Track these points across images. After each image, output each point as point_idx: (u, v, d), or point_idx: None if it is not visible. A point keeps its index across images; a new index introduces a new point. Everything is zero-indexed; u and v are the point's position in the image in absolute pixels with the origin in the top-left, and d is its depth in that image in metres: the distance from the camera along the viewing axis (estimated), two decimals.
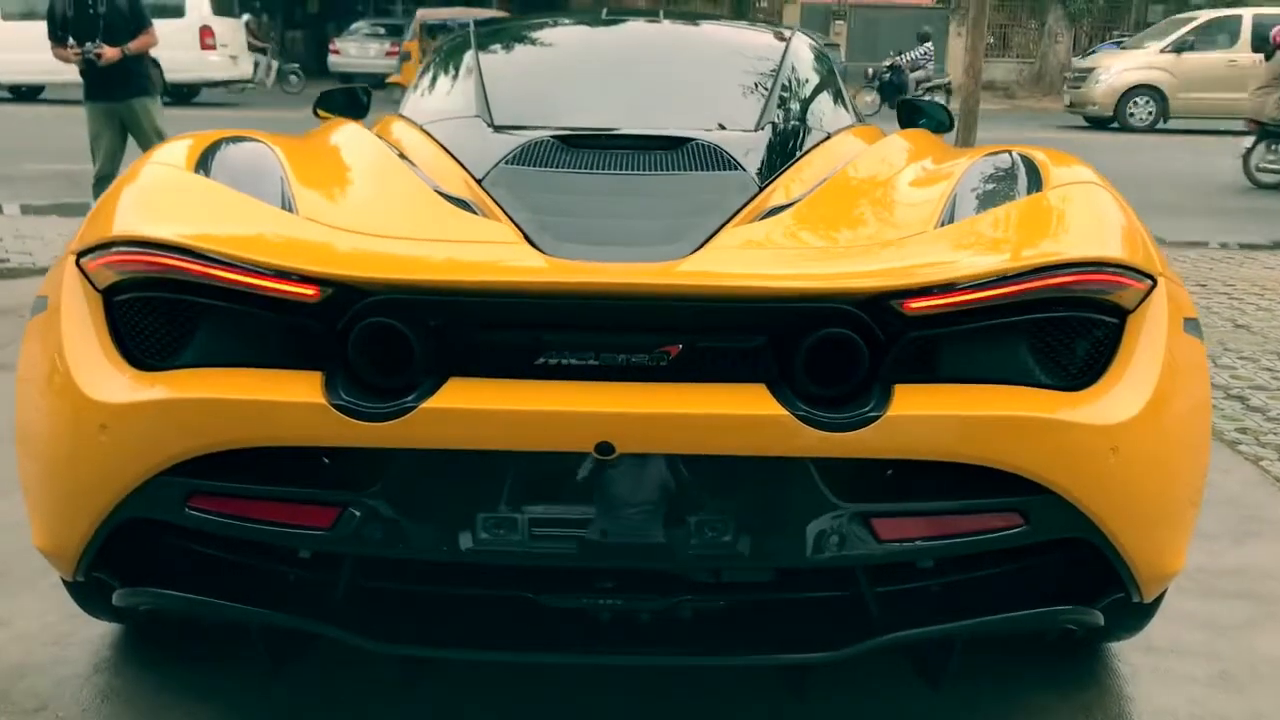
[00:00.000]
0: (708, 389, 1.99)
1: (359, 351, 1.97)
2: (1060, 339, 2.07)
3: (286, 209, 2.21)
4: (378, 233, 2.14)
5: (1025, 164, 2.44)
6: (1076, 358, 2.08)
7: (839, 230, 2.35)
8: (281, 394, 1.96)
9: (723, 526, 2.00)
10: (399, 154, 2.66)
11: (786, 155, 2.72)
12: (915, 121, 3.93)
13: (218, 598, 2.17)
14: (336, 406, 1.93)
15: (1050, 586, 2.23)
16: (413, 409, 1.92)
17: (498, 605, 2.18)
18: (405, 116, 3.14)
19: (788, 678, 2.51)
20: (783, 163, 2.64)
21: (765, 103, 3.06)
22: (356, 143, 2.80)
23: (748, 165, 2.52)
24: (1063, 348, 2.08)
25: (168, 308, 2.05)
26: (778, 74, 3.25)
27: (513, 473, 2.00)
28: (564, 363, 2.03)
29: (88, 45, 6.90)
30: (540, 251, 2.06)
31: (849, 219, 2.43)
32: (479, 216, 2.24)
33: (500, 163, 2.45)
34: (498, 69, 3.28)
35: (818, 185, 2.50)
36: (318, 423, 1.94)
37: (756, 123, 2.91)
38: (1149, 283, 2.11)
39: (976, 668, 2.57)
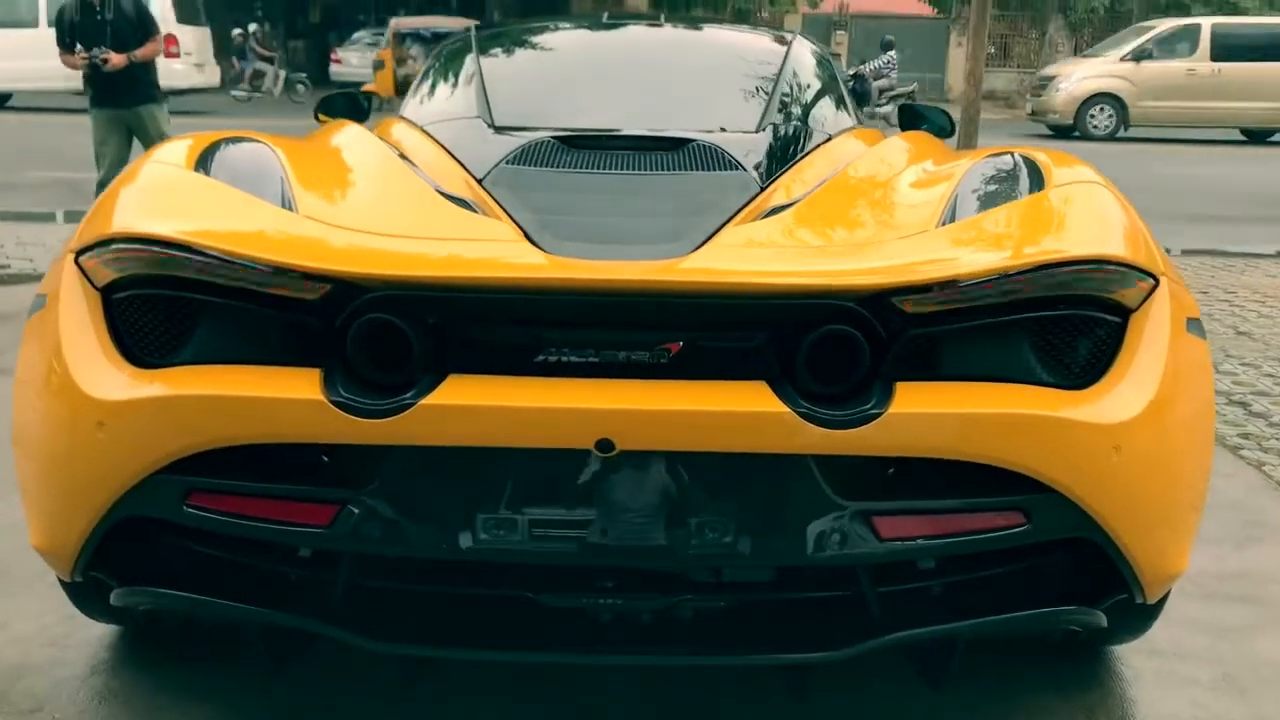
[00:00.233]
0: (709, 386, 1.98)
1: (358, 348, 1.96)
2: (1063, 337, 2.06)
3: (286, 207, 2.21)
4: (377, 230, 2.13)
5: (1027, 164, 2.44)
6: (1079, 356, 2.07)
7: (840, 229, 2.35)
8: (280, 390, 1.95)
9: (723, 525, 1.98)
10: (399, 154, 2.65)
11: (788, 156, 2.71)
12: (917, 126, 3.93)
13: (215, 597, 2.16)
14: (335, 403, 1.92)
15: (1053, 587, 2.21)
16: (411, 405, 1.91)
17: (497, 605, 2.17)
18: (406, 118, 3.14)
19: (789, 677, 2.50)
20: (784, 163, 2.63)
21: (766, 105, 3.06)
22: (357, 143, 2.80)
23: (749, 165, 2.51)
24: (1065, 346, 2.06)
25: (166, 305, 2.05)
26: (779, 76, 3.24)
27: (512, 470, 1.99)
28: (564, 360, 2.02)
29: (94, 51, 6.94)
30: (540, 249, 2.05)
31: (850, 218, 2.42)
32: (479, 215, 2.24)
33: (501, 162, 2.45)
34: (499, 71, 3.28)
35: (819, 185, 2.50)
36: (316, 419, 1.93)
37: (758, 124, 2.91)
38: (1151, 282, 2.10)
39: (978, 668, 2.56)
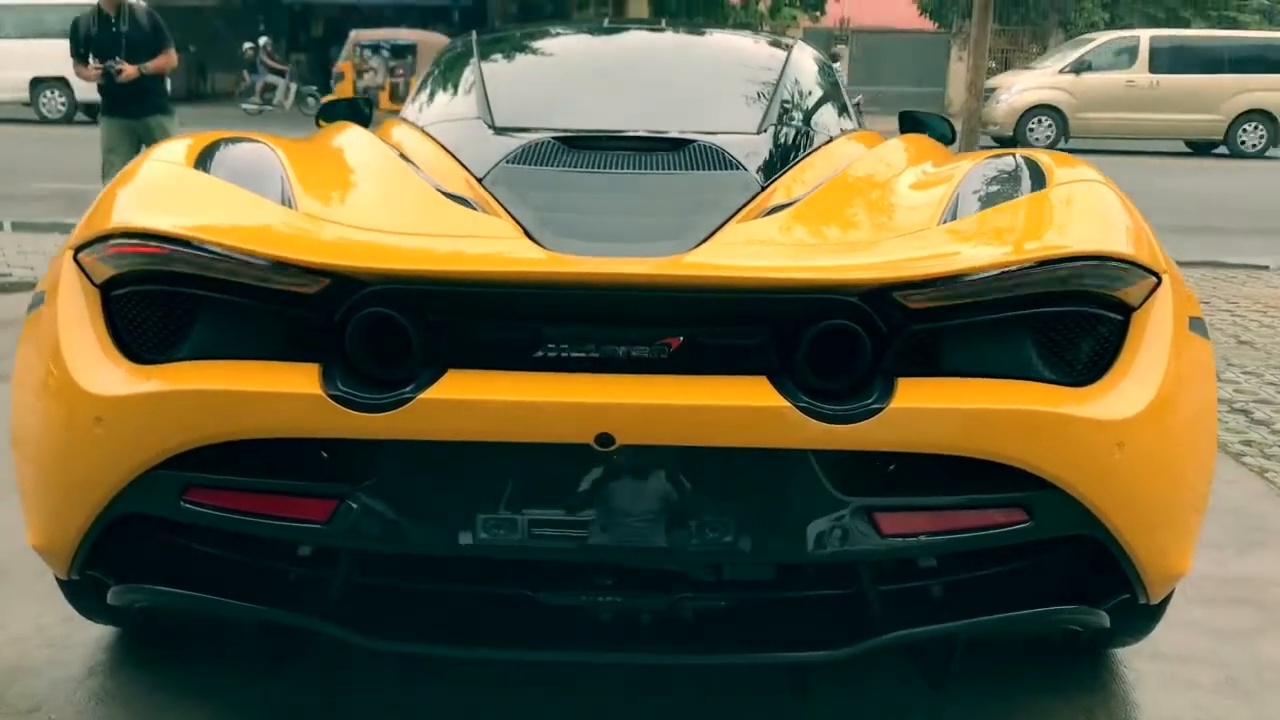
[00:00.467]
0: (709, 381, 1.97)
1: (357, 343, 1.96)
2: (1065, 334, 2.05)
3: (286, 205, 2.20)
4: (376, 226, 2.13)
5: (1028, 165, 2.43)
6: (1081, 353, 2.06)
7: (842, 227, 2.34)
8: (278, 385, 1.94)
9: (724, 521, 1.97)
10: (400, 154, 2.65)
11: (788, 157, 2.71)
12: (917, 131, 3.94)
13: (213, 594, 2.15)
14: (334, 397, 1.91)
15: (1055, 586, 2.20)
16: (410, 400, 1.90)
17: (496, 602, 2.16)
18: (406, 120, 3.14)
19: (790, 676, 2.49)
20: (785, 164, 2.63)
21: (767, 107, 3.06)
22: (357, 143, 2.80)
23: (750, 166, 2.51)
24: (1067, 343, 2.06)
25: (164, 300, 2.04)
26: (780, 80, 3.24)
27: (511, 466, 1.98)
28: (564, 355, 2.01)
29: (109, 62, 7.02)
30: (541, 245, 2.04)
31: (852, 217, 2.42)
32: (479, 212, 2.23)
33: (502, 162, 2.45)
34: (500, 74, 3.28)
35: (820, 185, 2.49)
36: (315, 414, 1.92)
37: (759, 126, 2.91)
38: (1154, 279, 2.09)
39: (979, 669, 2.55)
